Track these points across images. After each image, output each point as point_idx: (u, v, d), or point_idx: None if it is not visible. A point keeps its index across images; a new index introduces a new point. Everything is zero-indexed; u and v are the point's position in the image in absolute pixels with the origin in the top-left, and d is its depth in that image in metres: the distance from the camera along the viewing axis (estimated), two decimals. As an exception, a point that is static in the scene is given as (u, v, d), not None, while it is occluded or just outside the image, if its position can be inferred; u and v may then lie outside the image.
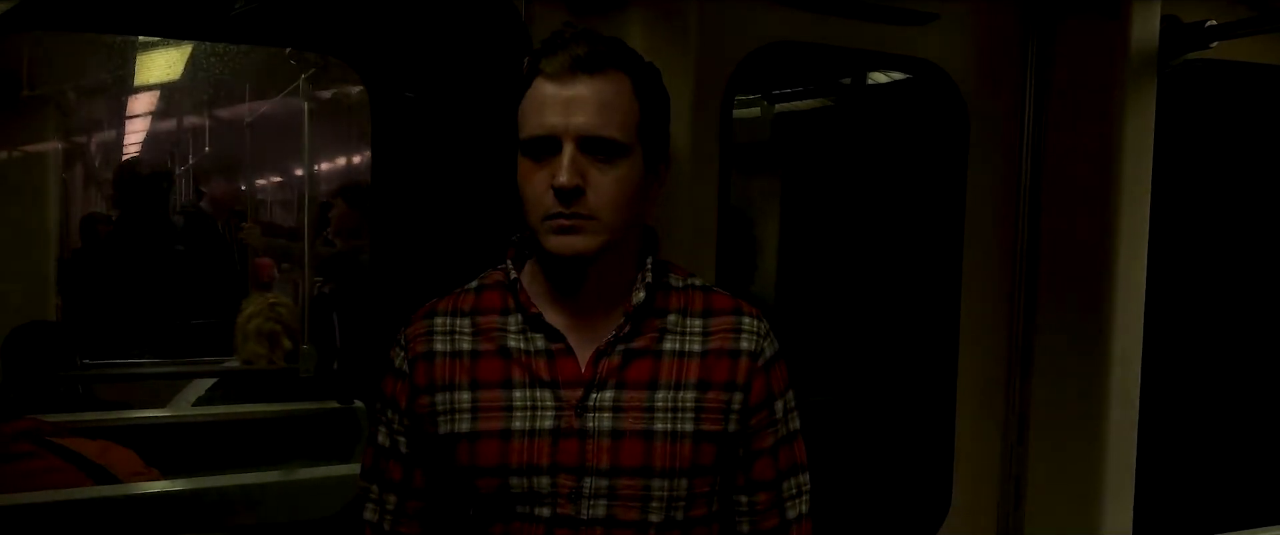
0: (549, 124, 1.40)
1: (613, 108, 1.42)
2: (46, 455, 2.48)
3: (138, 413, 3.39)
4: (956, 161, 2.42)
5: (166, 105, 6.09)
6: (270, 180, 9.47)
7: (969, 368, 2.48)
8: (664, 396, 1.47)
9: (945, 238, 2.46)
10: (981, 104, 2.42)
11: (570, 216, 1.40)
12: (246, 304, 3.76)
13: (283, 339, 3.62)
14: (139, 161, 6.68)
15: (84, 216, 6.05)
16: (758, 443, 1.55)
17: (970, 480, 2.50)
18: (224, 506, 2.52)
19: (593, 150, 1.41)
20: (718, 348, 1.51)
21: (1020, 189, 2.45)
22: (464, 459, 1.47)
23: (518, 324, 1.51)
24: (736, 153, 2.15)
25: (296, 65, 4.07)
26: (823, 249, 3.00)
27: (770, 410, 1.55)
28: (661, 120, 1.52)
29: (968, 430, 2.49)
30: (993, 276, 2.47)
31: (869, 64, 2.64)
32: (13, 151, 4.58)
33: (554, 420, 1.45)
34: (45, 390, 3.40)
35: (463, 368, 1.50)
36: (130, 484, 2.49)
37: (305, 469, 2.72)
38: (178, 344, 4.41)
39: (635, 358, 1.48)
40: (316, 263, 4.46)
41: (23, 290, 4.17)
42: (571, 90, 1.40)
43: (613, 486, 1.45)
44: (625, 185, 1.43)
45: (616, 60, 1.44)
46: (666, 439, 1.46)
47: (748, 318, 1.55)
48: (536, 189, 1.42)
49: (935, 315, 2.49)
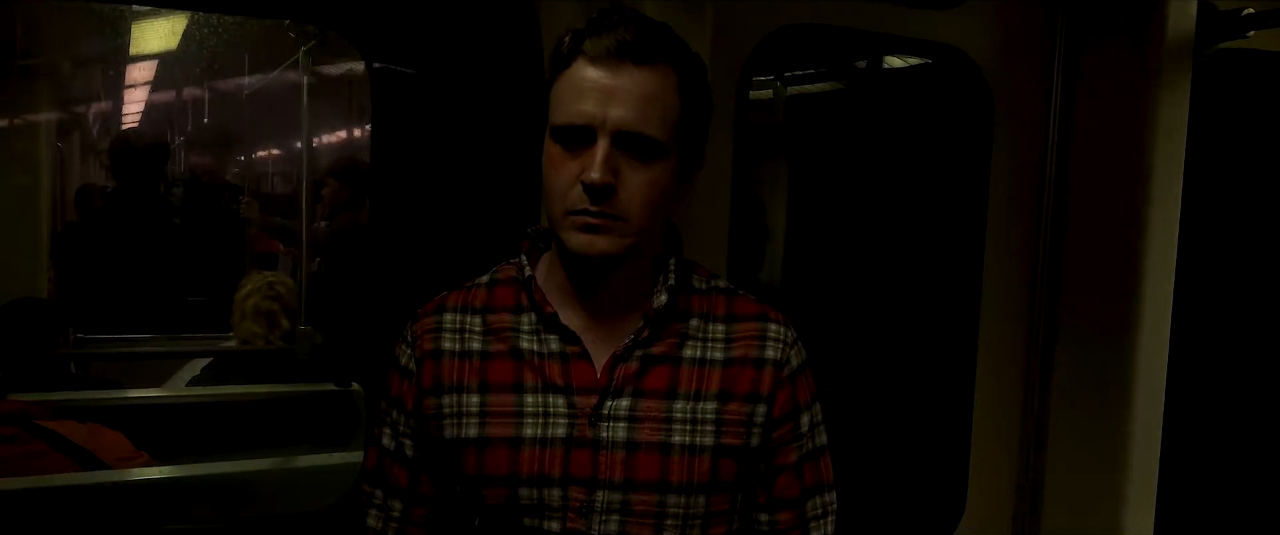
0: (586, 113, 1.30)
1: (655, 103, 1.31)
2: (31, 439, 2.42)
3: (130, 393, 3.32)
4: (979, 151, 2.33)
5: (164, 76, 5.99)
6: (271, 154, 9.38)
7: (987, 365, 2.40)
8: (683, 407, 1.38)
9: (965, 231, 2.37)
10: (1006, 93, 2.33)
11: (598, 215, 1.30)
12: (244, 282, 3.68)
13: (281, 318, 3.53)
14: (134, 133, 6.58)
15: (79, 188, 5.96)
16: (781, 458, 1.46)
17: (985, 483, 2.43)
18: (215, 495, 2.45)
19: (628, 147, 1.31)
20: (741, 356, 1.42)
21: (1045, 180, 2.36)
22: (471, 467, 1.39)
23: (531, 324, 1.42)
24: (749, 137, 2.06)
25: (296, 38, 3.97)
26: (835, 240, 2.91)
27: (795, 424, 1.46)
28: (702, 120, 1.42)
29: (984, 431, 2.41)
30: (1014, 271, 2.39)
31: (890, 48, 2.55)
32: (4, 120, 4.49)
33: (567, 428, 1.37)
34: (37, 368, 3.33)
35: (472, 369, 1.41)
36: (118, 471, 2.42)
37: (300, 457, 2.64)
38: (175, 320, 4.34)
39: (654, 364, 1.39)
40: (314, 241, 4.38)
41: (13, 263, 4.09)
42: (614, 79, 1.30)
43: (626, 501, 1.36)
44: (659, 186, 1.34)
45: (666, 51, 1.33)
46: (684, 452, 1.37)
47: (774, 324, 1.45)
48: (563, 180, 1.32)
49: (953, 310, 2.41)
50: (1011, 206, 2.37)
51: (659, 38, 1.33)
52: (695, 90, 1.38)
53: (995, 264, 2.38)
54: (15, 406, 2.49)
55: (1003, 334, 2.40)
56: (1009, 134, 2.35)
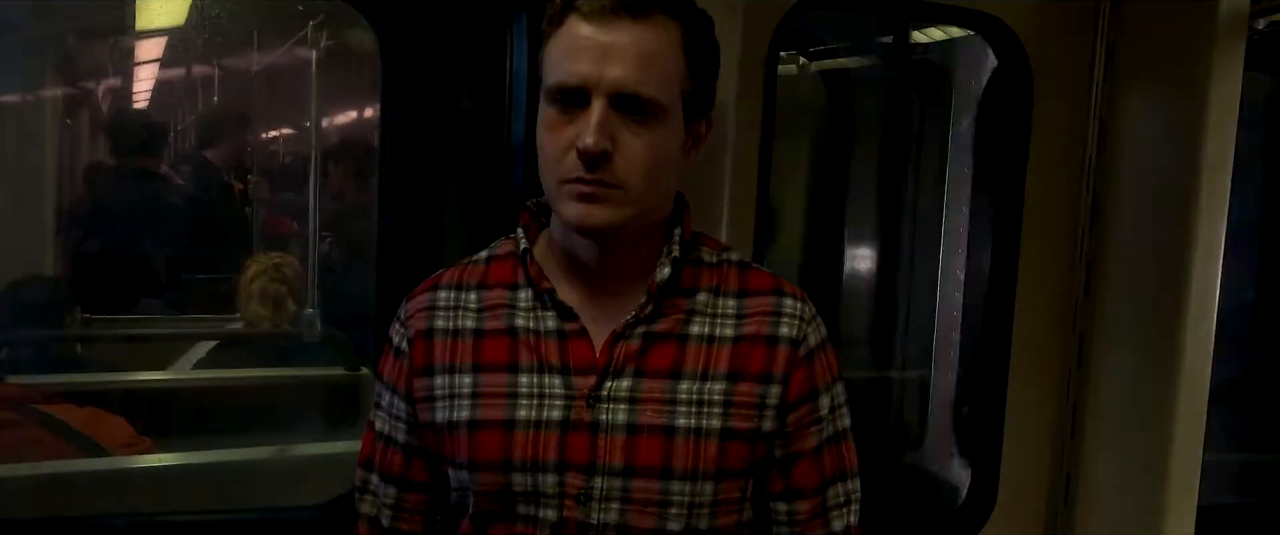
0: (580, 73, 1.21)
1: (655, 61, 1.22)
2: (30, 425, 2.36)
3: (132, 376, 3.25)
4: (1018, 128, 2.22)
5: (172, 53, 5.90)
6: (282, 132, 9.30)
7: (1021, 354, 2.30)
8: (688, 388, 1.29)
9: (1002, 212, 2.26)
10: (1047, 65, 2.21)
11: (592, 183, 1.22)
12: (250, 263, 3.62)
13: (287, 301, 3.47)
14: (130, 110, 6.51)
15: (88, 165, 5.88)
16: (799, 443, 1.36)
17: (1018, 475, 2.33)
18: (218, 483, 2.38)
19: (627, 108, 1.22)
20: (753, 333, 1.33)
21: (1086, 160, 2.25)
22: (463, 451, 1.31)
23: (528, 300, 1.33)
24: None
25: (304, 10, 3.88)
26: (861, 219, 2.81)
27: (814, 406, 1.36)
28: (709, 78, 1.32)
29: (1017, 422, 2.31)
30: (1052, 255, 2.28)
31: (925, 16, 2.43)
32: (12, 96, 4.42)
33: (563, 411, 1.29)
34: (43, 350, 3.28)
35: (465, 348, 1.33)
36: (116, 458, 2.35)
37: (305, 446, 2.57)
38: (182, 300, 4.29)
39: (657, 342, 1.31)
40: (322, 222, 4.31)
41: (19, 241, 4.04)
42: (610, 35, 1.20)
43: (627, 488, 1.28)
44: (660, 151, 1.25)
45: (666, 4, 1.24)
46: (689, 436, 1.28)
47: (789, 299, 1.36)
48: (557, 146, 1.24)
49: (988, 294, 2.30)
50: (1050, 188, 2.25)
51: None
52: (701, 46, 1.29)
53: (1032, 248, 2.27)
54: (13, 390, 2.43)
55: (1039, 322, 2.30)
56: (1049, 109, 2.23)
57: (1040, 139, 2.23)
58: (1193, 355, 2.18)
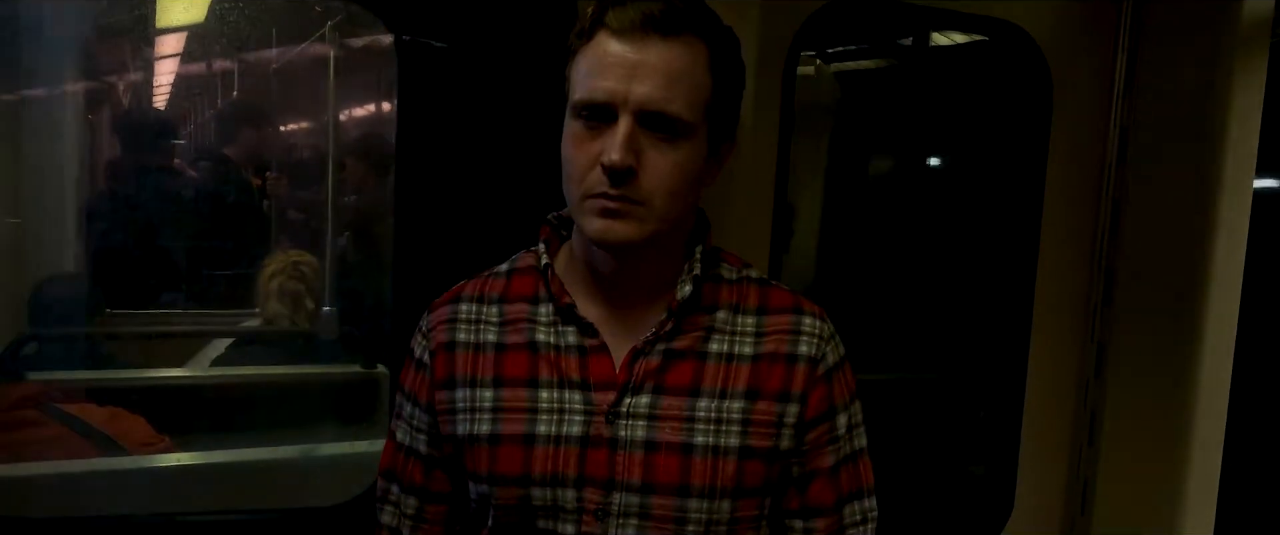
0: (607, 89, 1.21)
1: (683, 80, 1.22)
2: (51, 423, 2.37)
3: (152, 373, 3.27)
4: (1037, 135, 2.21)
5: (192, 49, 5.93)
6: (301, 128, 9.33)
7: (1039, 358, 2.29)
8: (706, 406, 1.29)
9: (1020, 217, 2.25)
10: (1067, 73, 2.20)
11: (617, 199, 1.22)
12: (269, 261, 3.62)
13: (305, 300, 3.48)
14: (139, 107, 6.55)
15: (108, 160, 5.92)
16: (815, 462, 1.36)
17: (1035, 481, 2.32)
18: (235, 484, 2.39)
19: (653, 126, 1.22)
20: (772, 351, 1.33)
21: (1105, 167, 2.24)
22: (483, 465, 1.32)
23: (549, 315, 1.34)
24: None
25: (322, 11, 3.89)
26: (879, 226, 2.80)
27: (831, 425, 1.36)
28: (734, 97, 1.32)
29: (1035, 427, 2.30)
30: (1071, 260, 2.27)
31: (944, 24, 2.42)
32: (31, 91, 4.44)
33: (582, 426, 1.29)
34: (71, 346, 3.29)
35: (486, 362, 1.34)
36: (138, 457, 2.37)
37: (325, 446, 2.58)
38: (202, 294, 4.31)
39: (676, 359, 1.31)
40: (339, 221, 4.33)
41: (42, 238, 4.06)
42: (638, 53, 1.20)
43: (645, 505, 1.28)
44: (684, 170, 1.25)
45: (695, 23, 1.23)
46: (707, 454, 1.28)
47: (809, 317, 1.36)
48: (582, 161, 1.24)
49: (1006, 300, 2.29)
50: (1070, 194, 2.25)
51: (688, 9, 1.24)
52: (727, 66, 1.28)
53: (1051, 252, 2.26)
54: (35, 389, 2.44)
55: (1057, 325, 2.29)
56: (1069, 116, 2.22)
57: (1060, 147, 2.22)
58: (1212, 364, 2.17)
